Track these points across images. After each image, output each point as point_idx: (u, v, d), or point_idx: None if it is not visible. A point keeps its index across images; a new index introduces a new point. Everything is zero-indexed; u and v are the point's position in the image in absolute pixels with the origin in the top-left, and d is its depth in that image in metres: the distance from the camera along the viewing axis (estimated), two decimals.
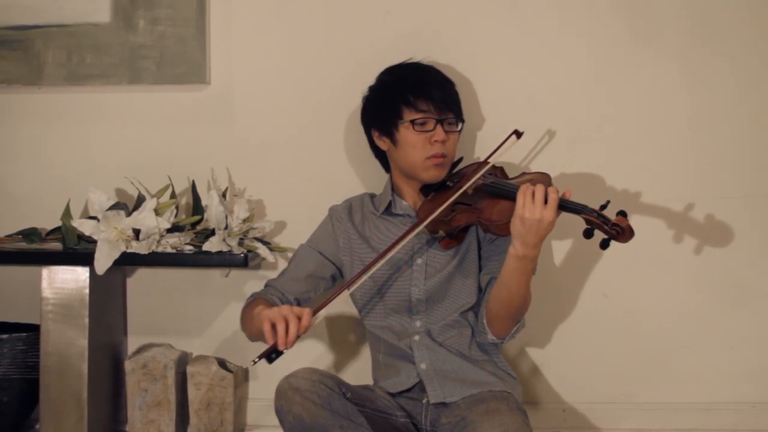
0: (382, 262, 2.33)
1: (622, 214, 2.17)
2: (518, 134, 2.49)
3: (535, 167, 2.72)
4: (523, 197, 2.19)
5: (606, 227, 2.16)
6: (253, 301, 2.51)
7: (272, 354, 2.18)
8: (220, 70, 2.78)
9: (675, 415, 2.74)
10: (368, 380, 2.56)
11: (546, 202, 2.18)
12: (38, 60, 2.77)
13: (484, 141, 2.73)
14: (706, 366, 2.75)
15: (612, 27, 2.74)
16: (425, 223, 2.35)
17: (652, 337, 2.76)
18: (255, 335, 2.41)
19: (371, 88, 2.58)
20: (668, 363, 2.76)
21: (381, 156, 2.61)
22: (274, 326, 2.17)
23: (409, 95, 2.45)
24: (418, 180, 2.50)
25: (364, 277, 2.34)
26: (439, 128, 2.45)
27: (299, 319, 2.18)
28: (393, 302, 2.48)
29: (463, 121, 2.53)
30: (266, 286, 2.58)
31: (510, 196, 2.29)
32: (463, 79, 2.71)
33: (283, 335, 2.16)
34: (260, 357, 2.18)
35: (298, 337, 2.17)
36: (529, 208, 2.18)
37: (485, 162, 2.46)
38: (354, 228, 2.57)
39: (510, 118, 2.55)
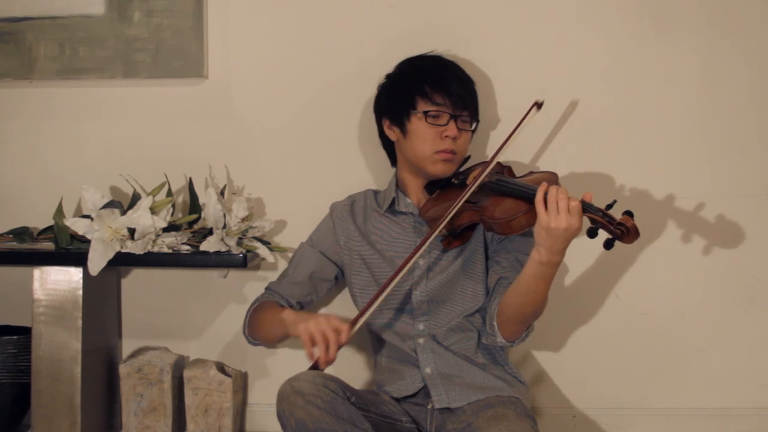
0: (409, 265, 2.32)
1: (628, 214, 2.16)
2: (539, 105, 2.47)
3: (544, 165, 2.72)
4: (544, 206, 2.16)
5: (611, 227, 2.15)
6: (260, 305, 2.51)
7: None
8: (218, 64, 2.78)
9: (690, 421, 2.74)
10: (372, 384, 2.55)
11: (569, 209, 2.16)
12: (30, 53, 2.77)
13: (496, 141, 2.72)
14: (722, 370, 2.75)
15: (627, 23, 2.73)
16: (443, 223, 2.33)
17: (667, 340, 2.76)
18: (269, 339, 2.46)
19: (388, 76, 2.58)
20: (683, 367, 2.76)
21: (389, 148, 2.61)
22: (312, 341, 2.21)
23: (426, 86, 2.46)
24: (425, 173, 2.50)
25: (396, 280, 2.32)
26: (452, 124, 2.45)
27: (338, 334, 2.21)
28: (394, 303, 2.48)
29: (477, 121, 2.53)
30: (266, 289, 2.59)
31: (515, 194, 2.28)
32: (480, 73, 2.71)
33: (324, 355, 2.21)
34: None
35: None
36: (554, 217, 2.15)
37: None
38: (356, 226, 2.57)
39: (522, 114, 2.55)
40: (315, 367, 2.23)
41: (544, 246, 2.18)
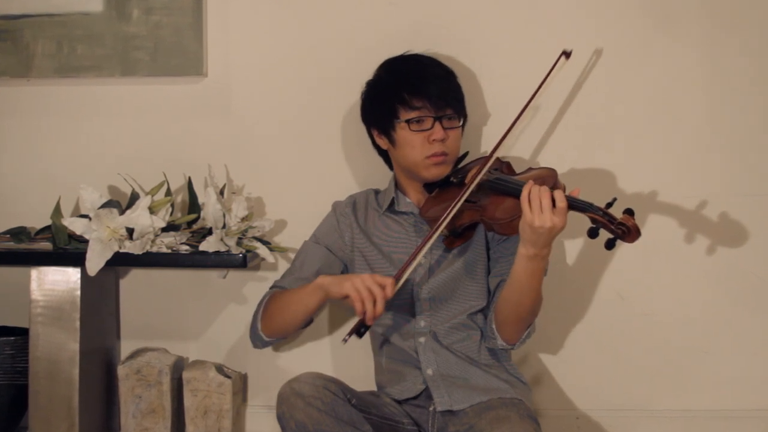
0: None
1: (629, 212, 2.16)
2: (567, 54, 2.46)
3: (545, 161, 2.71)
4: (528, 205, 2.18)
5: (611, 226, 2.15)
6: (275, 293, 2.50)
7: (361, 329, 2.24)
8: (218, 62, 2.77)
9: (695, 423, 2.74)
10: (373, 385, 2.55)
11: (554, 205, 2.17)
12: (27, 51, 2.76)
13: (490, 137, 2.72)
14: (727, 371, 2.75)
15: (626, 16, 2.72)
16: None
17: (670, 340, 2.75)
18: (292, 321, 2.43)
19: (368, 84, 2.57)
20: (687, 368, 2.76)
21: (384, 154, 2.60)
22: (360, 297, 2.22)
23: (404, 93, 2.43)
24: (420, 178, 2.49)
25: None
26: (437, 126, 2.43)
27: (383, 288, 2.22)
28: (396, 301, 2.47)
29: (464, 116, 2.52)
30: (272, 287, 2.57)
31: (514, 193, 2.27)
32: (468, 71, 2.70)
33: (371, 310, 2.21)
34: (350, 334, 2.24)
35: None
36: (537, 215, 2.16)
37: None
38: (358, 225, 2.57)
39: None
40: (362, 323, 2.23)
41: (529, 241, 2.20)
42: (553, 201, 2.17)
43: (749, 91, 2.73)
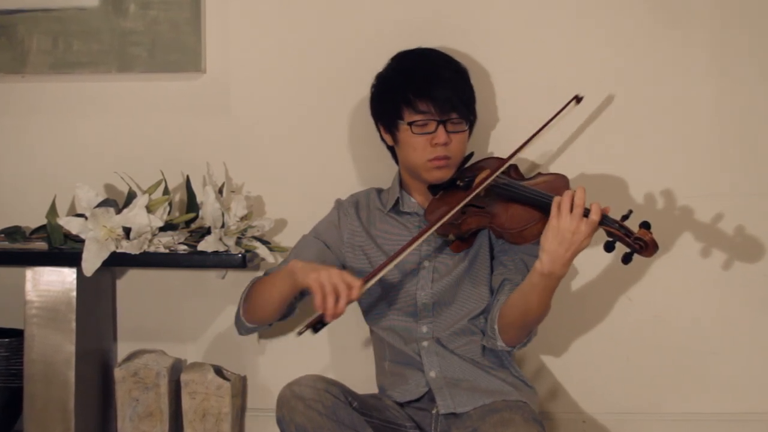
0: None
1: (645, 226, 2.15)
2: (578, 99, 2.48)
3: (552, 166, 2.71)
4: (558, 208, 2.15)
5: (628, 240, 2.13)
6: (255, 280, 2.49)
7: (318, 324, 2.18)
8: (217, 58, 2.77)
9: (703, 426, 2.73)
10: (375, 388, 2.55)
11: (585, 215, 2.15)
12: (22, 47, 2.76)
13: (498, 138, 2.71)
14: (737, 374, 2.74)
15: (635, 15, 2.72)
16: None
17: (680, 343, 2.74)
18: (268, 306, 2.40)
19: (378, 77, 2.56)
20: (696, 370, 2.75)
21: (391, 148, 2.60)
22: (323, 291, 2.16)
23: (409, 94, 2.42)
24: (422, 180, 2.49)
25: (410, 249, 2.29)
26: (440, 130, 2.41)
27: (350, 288, 2.17)
28: (399, 305, 2.48)
29: (473, 118, 2.50)
30: (265, 274, 2.56)
31: (525, 201, 2.27)
32: (481, 69, 2.69)
33: (332, 307, 2.16)
34: (306, 327, 2.18)
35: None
36: (566, 217, 2.14)
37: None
38: (360, 225, 2.56)
39: (526, 113, 2.53)
40: (321, 318, 2.18)
41: (549, 254, 2.16)
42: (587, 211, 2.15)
43: (759, 87, 2.72)
